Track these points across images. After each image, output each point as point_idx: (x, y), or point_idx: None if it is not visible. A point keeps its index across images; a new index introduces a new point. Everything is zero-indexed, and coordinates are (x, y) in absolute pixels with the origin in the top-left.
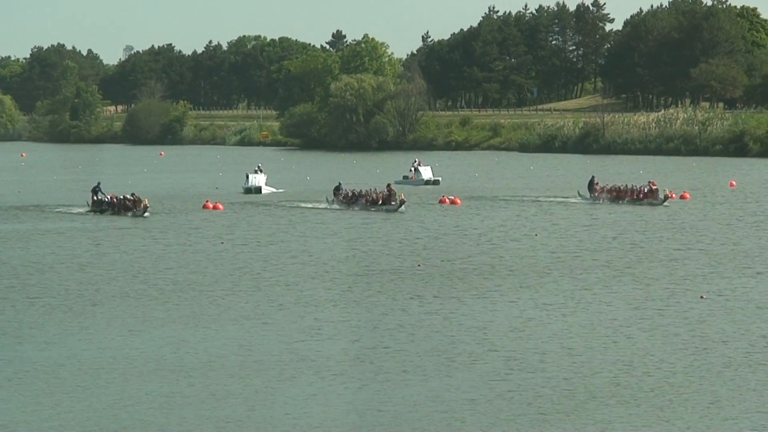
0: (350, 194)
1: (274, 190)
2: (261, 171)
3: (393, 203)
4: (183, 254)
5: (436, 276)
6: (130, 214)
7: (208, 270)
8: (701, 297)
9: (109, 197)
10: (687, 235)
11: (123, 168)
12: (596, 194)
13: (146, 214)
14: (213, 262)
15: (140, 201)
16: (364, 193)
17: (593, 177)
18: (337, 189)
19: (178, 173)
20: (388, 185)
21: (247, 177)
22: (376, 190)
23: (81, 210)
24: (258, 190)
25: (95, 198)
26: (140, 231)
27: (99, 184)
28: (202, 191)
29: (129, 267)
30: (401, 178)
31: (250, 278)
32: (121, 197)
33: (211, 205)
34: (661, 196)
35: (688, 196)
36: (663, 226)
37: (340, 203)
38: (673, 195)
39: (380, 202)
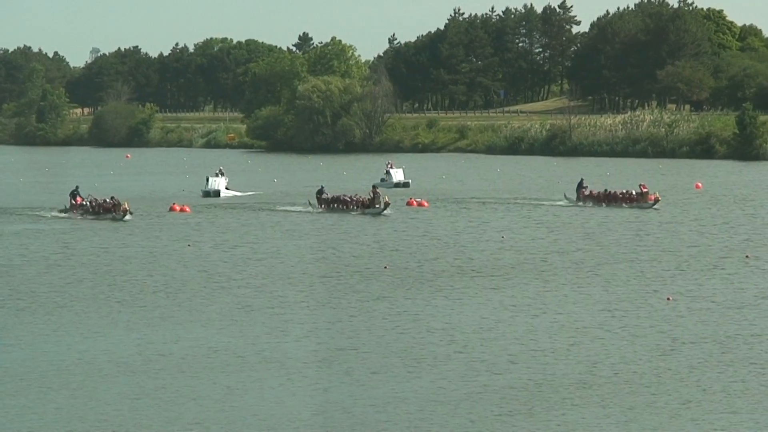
0: (333, 197)
1: (237, 193)
2: (222, 174)
3: (377, 206)
4: (150, 256)
5: (403, 278)
6: (110, 217)
7: (176, 272)
8: (668, 299)
9: (88, 201)
10: (654, 236)
11: (90, 170)
12: (584, 197)
13: (126, 217)
14: (180, 264)
15: (120, 204)
16: (348, 196)
17: (582, 180)
18: (320, 192)
19: (144, 175)
20: (373, 188)
21: (207, 180)
22: (359, 193)
23: (59, 213)
24: (217, 193)
25: (73, 201)
26: (108, 233)
27: (77, 187)
28: (169, 193)
29: (96, 269)
30: (379, 181)
31: (219, 280)
32: (101, 200)
33: (178, 208)
34: (651, 199)
35: (655, 197)
36: (633, 228)
37: (323, 207)
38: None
39: (365, 205)
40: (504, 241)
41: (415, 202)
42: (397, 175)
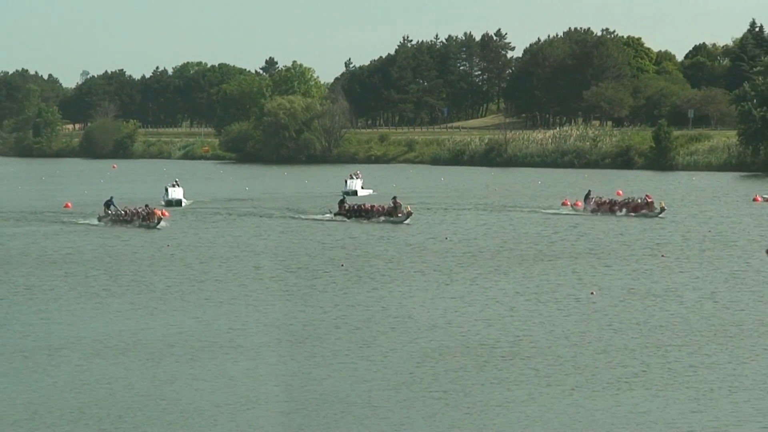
0: (355, 207)
1: (188, 202)
2: (178, 185)
3: (399, 215)
4: (142, 255)
5: (359, 274)
6: (144, 225)
7: (160, 270)
8: (591, 293)
9: (123, 210)
10: (586, 238)
11: (81, 179)
12: (590, 207)
13: (160, 225)
14: (163, 263)
15: (153, 213)
16: (369, 205)
17: (589, 191)
18: (341, 202)
19: (129, 183)
20: (394, 197)
21: (167, 190)
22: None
23: (94, 221)
24: (179, 202)
25: (108, 211)
26: (94, 233)
27: (111, 198)
28: (150, 199)
29: (89, 265)
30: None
31: (196, 277)
32: (134, 210)
33: (159, 212)
34: (657, 208)
35: (580, 204)
36: (564, 230)
37: (344, 215)
38: (571, 204)
39: (387, 214)
40: (448, 240)
41: None
42: (352, 184)
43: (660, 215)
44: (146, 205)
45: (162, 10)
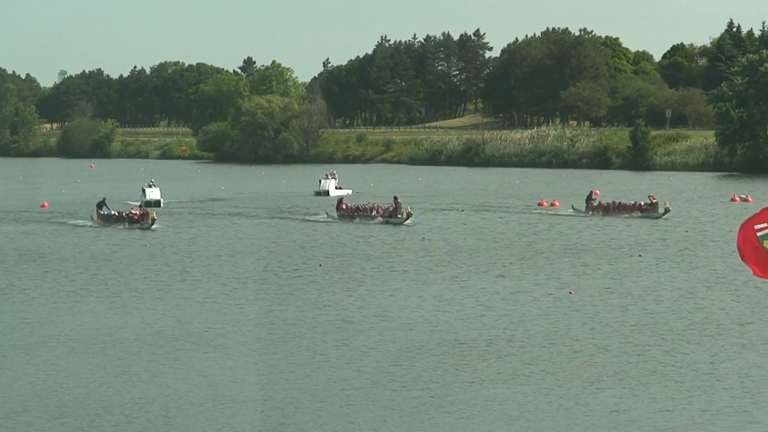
0: (354, 207)
1: (165, 202)
2: (154, 185)
3: (400, 216)
4: (122, 253)
5: (337, 274)
6: (137, 226)
7: (137, 269)
8: (570, 292)
9: (116, 212)
10: (565, 237)
11: (59, 178)
12: (593, 208)
13: (154, 226)
14: (142, 262)
15: (148, 214)
16: (368, 206)
17: (591, 192)
18: (340, 203)
19: (107, 183)
20: (395, 198)
21: (144, 191)
22: (377, 203)
23: (87, 223)
24: (157, 203)
25: (101, 212)
26: (82, 234)
27: (104, 199)
28: (128, 198)
29: (68, 264)
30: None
31: (175, 276)
32: (127, 212)
33: (153, 214)
34: (661, 209)
35: (557, 203)
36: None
37: (342, 217)
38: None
39: (387, 215)
40: (426, 241)
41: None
42: (324, 185)
43: (664, 216)
44: (140, 206)
45: (140, 9)
